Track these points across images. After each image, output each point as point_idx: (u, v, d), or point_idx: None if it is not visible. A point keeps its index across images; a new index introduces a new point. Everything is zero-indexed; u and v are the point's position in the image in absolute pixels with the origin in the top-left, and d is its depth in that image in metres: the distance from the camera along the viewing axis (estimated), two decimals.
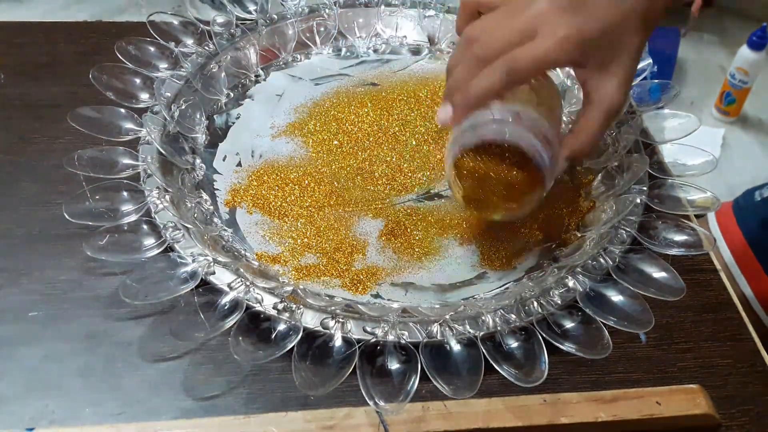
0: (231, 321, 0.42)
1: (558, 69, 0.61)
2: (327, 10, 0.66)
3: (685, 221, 0.50)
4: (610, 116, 0.46)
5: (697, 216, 0.54)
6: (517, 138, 0.44)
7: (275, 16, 0.65)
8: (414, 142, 0.59)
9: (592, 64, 0.45)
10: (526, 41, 0.43)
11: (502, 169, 0.45)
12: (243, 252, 0.49)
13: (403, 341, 0.42)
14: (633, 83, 0.47)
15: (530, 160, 0.44)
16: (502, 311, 0.44)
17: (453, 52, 0.48)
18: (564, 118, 0.61)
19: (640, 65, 0.63)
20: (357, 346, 0.41)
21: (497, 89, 0.43)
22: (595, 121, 0.46)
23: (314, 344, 0.42)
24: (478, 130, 0.44)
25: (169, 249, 0.46)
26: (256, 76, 0.63)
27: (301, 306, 0.43)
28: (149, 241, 0.46)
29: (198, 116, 0.57)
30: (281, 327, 0.42)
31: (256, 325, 0.42)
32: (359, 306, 0.43)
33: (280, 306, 0.43)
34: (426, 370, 0.40)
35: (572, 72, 0.62)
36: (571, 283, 0.46)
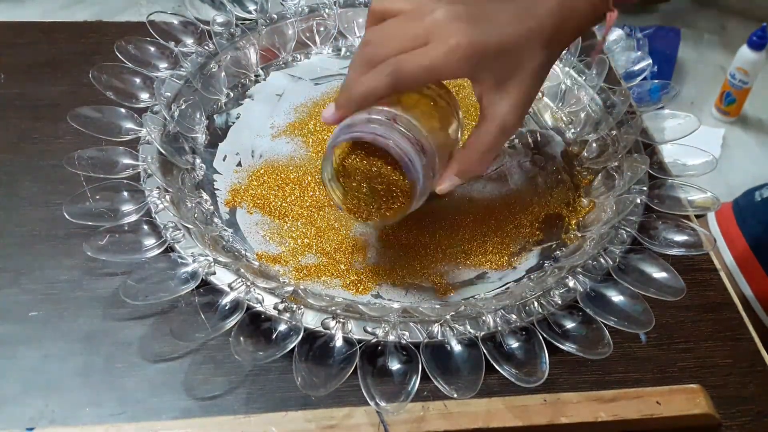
0: (232, 321, 0.42)
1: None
2: (327, 10, 0.66)
3: (685, 221, 0.50)
4: (501, 135, 0.45)
5: (697, 216, 0.54)
6: (386, 139, 0.42)
7: (275, 16, 0.65)
8: None
9: (487, 80, 0.44)
10: (417, 48, 0.42)
11: (375, 172, 0.44)
12: (243, 252, 0.49)
13: (403, 341, 0.42)
14: (532, 102, 0.46)
15: (402, 169, 0.43)
16: (502, 311, 0.44)
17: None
18: (552, 121, 0.60)
19: (641, 65, 0.63)
20: (358, 347, 0.41)
21: (380, 92, 0.42)
22: (486, 139, 0.45)
23: (315, 344, 0.42)
24: (351, 128, 0.43)
25: (170, 249, 0.46)
26: (256, 75, 0.63)
27: (302, 306, 0.43)
28: (149, 241, 0.46)
29: (198, 116, 0.56)
30: (282, 327, 0.42)
31: (256, 325, 0.42)
32: (360, 306, 0.43)
33: (281, 306, 0.43)
34: (427, 370, 0.40)
35: (572, 72, 0.62)
36: (571, 283, 0.46)
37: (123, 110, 0.54)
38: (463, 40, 0.41)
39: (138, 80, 0.56)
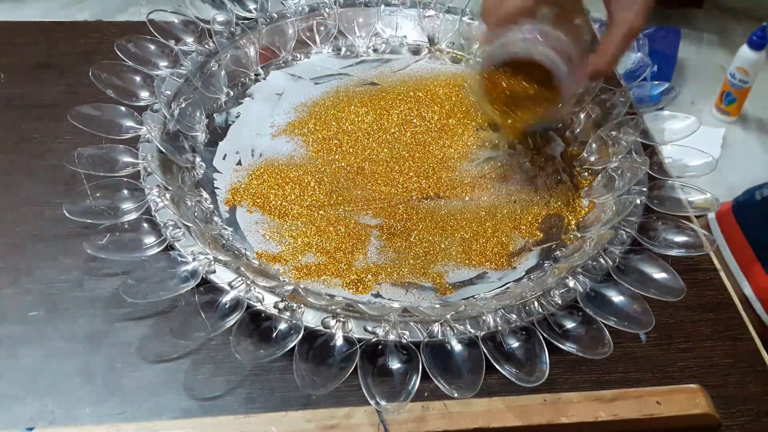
0: (232, 320, 0.42)
1: None
2: (327, 9, 0.66)
3: (685, 222, 0.50)
4: (630, 37, 0.50)
5: (696, 216, 0.54)
6: (542, 56, 0.48)
7: (275, 15, 0.65)
8: (414, 142, 0.59)
9: None
10: None
11: (527, 84, 0.51)
12: (243, 251, 0.49)
13: (404, 341, 0.42)
14: (652, 9, 0.51)
15: (551, 75, 0.49)
16: (502, 311, 0.44)
17: None
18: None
19: (641, 66, 0.63)
20: (358, 346, 0.41)
21: (527, 7, 0.48)
22: (617, 41, 0.50)
23: (315, 344, 0.42)
24: (506, 47, 0.49)
25: (170, 247, 0.46)
26: (256, 74, 0.63)
27: (302, 305, 0.43)
28: (149, 240, 0.46)
29: (198, 114, 0.56)
30: (282, 326, 0.42)
31: (257, 324, 0.42)
32: (360, 305, 0.43)
33: (281, 305, 0.43)
34: (427, 369, 0.40)
35: None
36: (571, 283, 0.46)
37: (123, 108, 0.54)
38: None
39: (138, 78, 0.56)
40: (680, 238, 0.50)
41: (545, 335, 0.43)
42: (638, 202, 0.51)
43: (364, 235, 0.51)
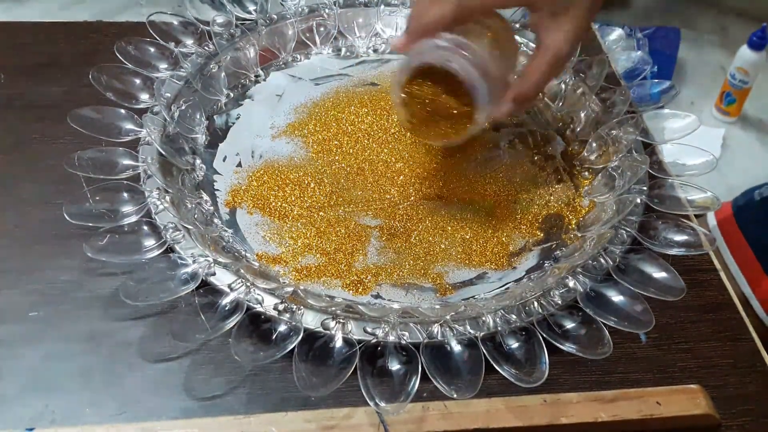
0: (231, 322, 0.42)
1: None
2: (327, 10, 0.66)
3: (685, 221, 0.50)
4: (556, 63, 0.49)
5: (696, 216, 0.54)
6: (454, 65, 0.46)
7: (275, 16, 0.65)
8: (414, 143, 0.59)
9: (545, 10, 0.47)
10: None
11: (442, 95, 0.49)
12: (243, 253, 0.49)
13: (403, 342, 0.42)
14: (583, 37, 0.51)
15: (467, 91, 0.47)
16: (502, 311, 0.44)
17: None
18: (552, 121, 0.61)
19: (641, 65, 0.63)
20: (358, 347, 0.41)
21: (447, 20, 0.46)
22: (542, 66, 0.49)
23: (315, 345, 0.42)
24: (422, 55, 0.47)
25: (170, 250, 0.46)
26: (256, 76, 0.63)
27: (302, 307, 0.43)
28: (149, 242, 0.46)
29: (198, 116, 0.56)
30: (282, 328, 0.42)
31: (256, 325, 0.42)
32: (360, 306, 0.43)
33: (281, 307, 0.43)
34: (426, 370, 0.40)
35: (572, 72, 0.62)
36: (571, 283, 0.46)
37: (123, 111, 0.54)
38: None
39: (138, 81, 0.56)
40: (680, 237, 0.50)
41: (545, 335, 0.43)
42: (638, 201, 0.51)
43: (364, 236, 0.51)
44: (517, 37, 0.57)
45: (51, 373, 0.41)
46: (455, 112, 0.49)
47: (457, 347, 0.42)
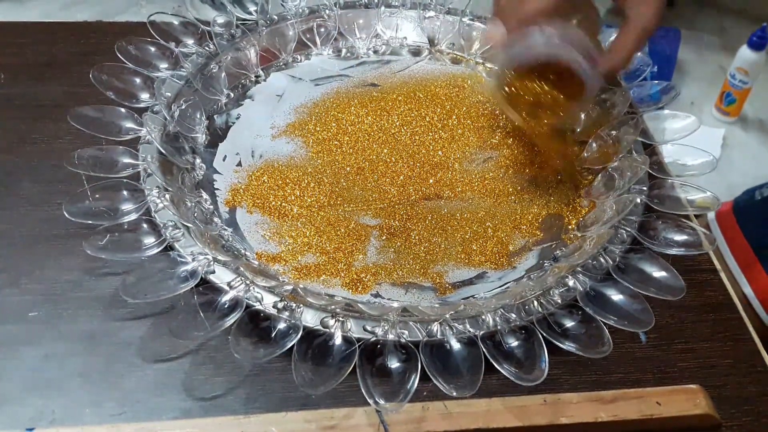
0: (231, 320, 0.42)
1: None
2: (327, 11, 0.66)
3: (685, 221, 0.50)
4: (644, 37, 0.51)
5: (696, 216, 0.54)
6: (569, 58, 0.49)
7: (275, 17, 0.65)
8: (414, 143, 0.59)
9: None
10: None
11: (551, 85, 0.52)
12: (243, 252, 0.49)
13: (403, 340, 0.42)
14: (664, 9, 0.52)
15: (574, 75, 0.49)
16: (502, 310, 0.44)
17: None
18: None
19: (641, 65, 0.63)
20: (357, 345, 0.41)
21: (547, 9, 0.48)
22: (630, 40, 0.51)
23: (314, 343, 0.42)
24: (532, 50, 0.49)
25: (169, 248, 0.46)
26: (257, 76, 0.63)
27: (301, 305, 0.43)
28: (149, 240, 0.46)
29: (198, 116, 0.57)
30: (281, 326, 0.42)
31: (256, 324, 0.42)
32: (359, 305, 0.43)
33: (280, 305, 0.43)
34: (426, 369, 0.40)
35: None
36: (571, 282, 0.46)
37: (123, 110, 0.54)
38: None
39: (138, 80, 0.56)
40: (680, 237, 0.50)
41: (545, 334, 0.43)
42: (638, 201, 0.51)
43: (364, 235, 0.51)
44: None
45: (51, 373, 0.41)
46: (562, 100, 0.51)
47: (456, 346, 0.42)
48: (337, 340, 0.42)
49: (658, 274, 0.47)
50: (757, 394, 0.44)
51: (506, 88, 0.52)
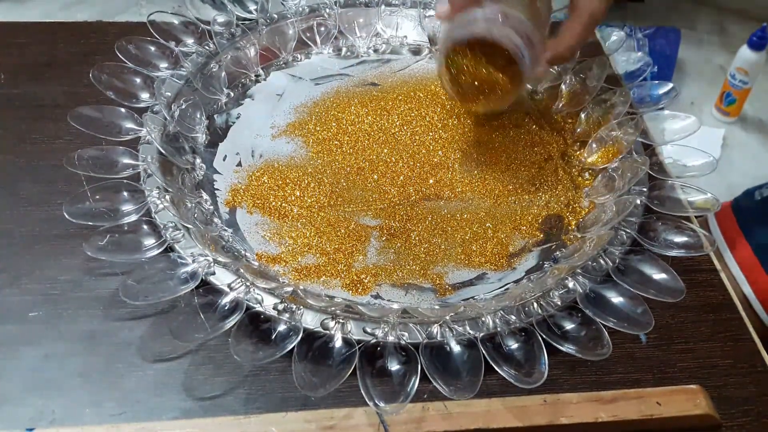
0: (231, 321, 0.42)
1: None
2: (327, 10, 0.66)
3: (686, 222, 0.50)
4: (591, 25, 0.50)
5: (696, 217, 0.54)
6: (501, 36, 0.48)
7: (275, 16, 0.65)
8: (414, 143, 0.59)
9: None
10: None
11: (487, 65, 0.51)
12: (243, 252, 0.49)
13: (403, 342, 0.42)
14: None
15: (513, 58, 0.49)
16: (502, 312, 0.44)
17: None
18: (552, 121, 0.61)
19: (641, 66, 0.63)
20: (357, 347, 0.41)
21: None
22: (577, 28, 0.50)
23: (314, 345, 0.42)
24: (468, 27, 0.49)
25: (169, 249, 0.46)
26: (257, 75, 0.63)
27: (301, 306, 0.43)
28: (149, 241, 0.46)
29: (198, 116, 0.56)
30: (281, 327, 0.42)
31: (256, 325, 0.42)
32: (359, 307, 0.43)
33: (280, 306, 0.43)
34: (426, 370, 0.40)
35: (572, 73, 0.62)
36: (571, 284, 0.46)
37: (123, 110, 0.54)
38: None
39: (138, 80, 0.56)
40: (680, 239, 0.50)
41: (544, 336, 0.43)
42: (638, 202, 0.51)
43: (364, 236, 0.51)
44: None
45: (51, 373, 0.41)
46: (498, 77, 0.51)
47: (456, 348, 0.42)
48: (338, 342, 0.42)
49: (658, 275, 0.47)
50: (757, 394, 0.44)
51: (447, 66, 0.52)
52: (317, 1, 0.66)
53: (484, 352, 0.41)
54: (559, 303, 0.45)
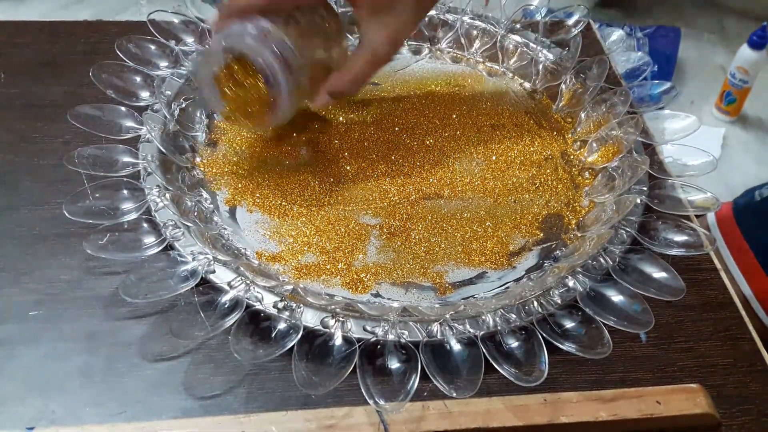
0: (231, 320, 0.42)
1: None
2: None
3: (685, 221, 0.50)
4: (374, 62, 0.49)
5: (696, 216, 0.54)
6: (253, 52, 0.46)
7: None
8: (414, 142, 0.59)
9: (368, 7, 0.47)
10: None
11: (247, 81, 0.48)
12: (243, 251, 0.49)
13: (403, 340, 0.42)
14: (406, 38, 0.51)
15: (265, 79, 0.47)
16: (502, 311, 0.44)
17: None
18: (552, 121, 0.61)
19: (641, 65, 0.63)
20: (357, 345, 0.41)
21: (259, 4, 0.46)
22: (358, 64, 0.49)
23: (314, 343, 0.42)
24: (227, 39, 0.47)
25: (169, 247, 0.46)
26: None
27: (301, 305, 0.43)
28: (149, 240, 0.46)
29: (198, 114, 0.56)
30: (281, 326, 0.42)
31: (256, 323, 0.42)
32: (359, 305, 0.43)
33: (281, 305, 0.43)
34: (426, 369, 0.40)
35: (572, 72, 0.62)
36: (571, 282, 0.46)
37: (123, 108, 0.54)
38: None
39: (138, 79, 0.56)
40: (680, 238, 0.50)
41: (545, 335, 0.43)
42: (638, 201, 0.51)
43: (364, 234, 0.51)
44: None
45: (51, 373, 0.41)
46: (263, 98, 0.49)
47: (456, 346, 0.42)
48: (338, 341, 0.42)
49: (658, 274, 0.47)
50: (757, 394, 0.44)
51: (214, 76, 0.49)
52: None
53: (484, 350, 0.41)
54: (559, 302, 0.45)
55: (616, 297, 0.46)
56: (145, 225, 0.47)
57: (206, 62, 0.48)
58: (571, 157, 0.59)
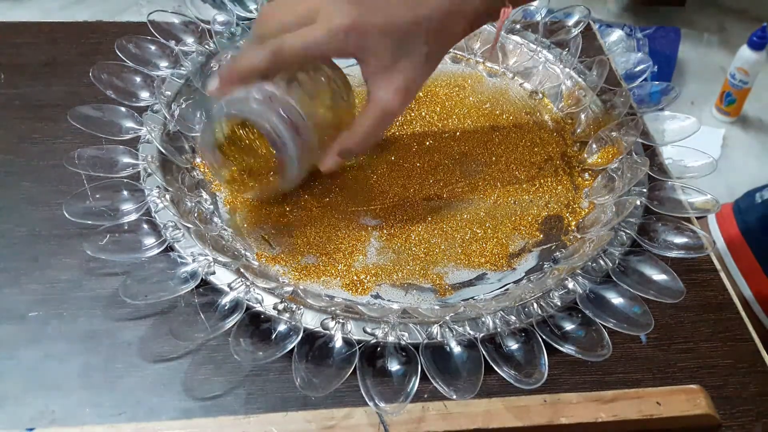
0: (231, 321, 0.42)
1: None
2: None
3: (685, 223, 0.50)
4: (384, 119, 0.47)
5: (697, 218, 0.54)
6: (259, 117, 0.44)
7: None
8: (414, 143, 0.59)
9: (372, 63, 0.45)
10: (302, 26, 0.44)
11: (252, 148, 0.47)
12: (243, 252, 0.49)
13: (403, 342, 0.42)
14: (418, 90, 0.48)
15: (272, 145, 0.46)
16: (502, 313, 0.44)
17: None
18: (552, 122, 0.61)
19: (641, 66, 0.63)
20: (357, 347, 0.41)
21: (261, 68, 0.44)
22: (368, 121, 0.47)
23: (314, 345, 0.42)
24: (230, 106, 0.45)
25: (170, 248, 0.46)
26: None
27: (302, 306, 0.43)
28: (149, 241, 0.46)
29: (198, 115, 0.56)
30: (281, 327, 0.42)
31: (256, 325, 0.42)
32: (359, 307, 0.43)
33: (281, 306, 0.43)
34: (426, 371, 0.40)
35: (572, 73, 0.62)
36: (570, 284, 0.46)
37: (123, 109, 0.54)
38: (345, 20, 0.43)
39: (138, 79, 0.56)
40: (680, 240, 0.50)
41: (544, 337, 0.43)
42: (638, 203, 0.51)
43: (364, 235, 0.51)
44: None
45: (51, 373, 0.41)
46: (270, 164, 0.47)
47: (456, 348, 0.42)
48: (338, 342, 0.42)
49: (657, 276, 0.47)
50: (757, 394, 0.44)
51: (212, 139, 0.47)
52: None
53: (484, 352, 0.42)
54: (559, 303, 0.45)
55: (616, 299, 0.46)
56: (145, 226, 0.47)
57: (209, 130, 0.47)
58: (571, 158, 0.59)
